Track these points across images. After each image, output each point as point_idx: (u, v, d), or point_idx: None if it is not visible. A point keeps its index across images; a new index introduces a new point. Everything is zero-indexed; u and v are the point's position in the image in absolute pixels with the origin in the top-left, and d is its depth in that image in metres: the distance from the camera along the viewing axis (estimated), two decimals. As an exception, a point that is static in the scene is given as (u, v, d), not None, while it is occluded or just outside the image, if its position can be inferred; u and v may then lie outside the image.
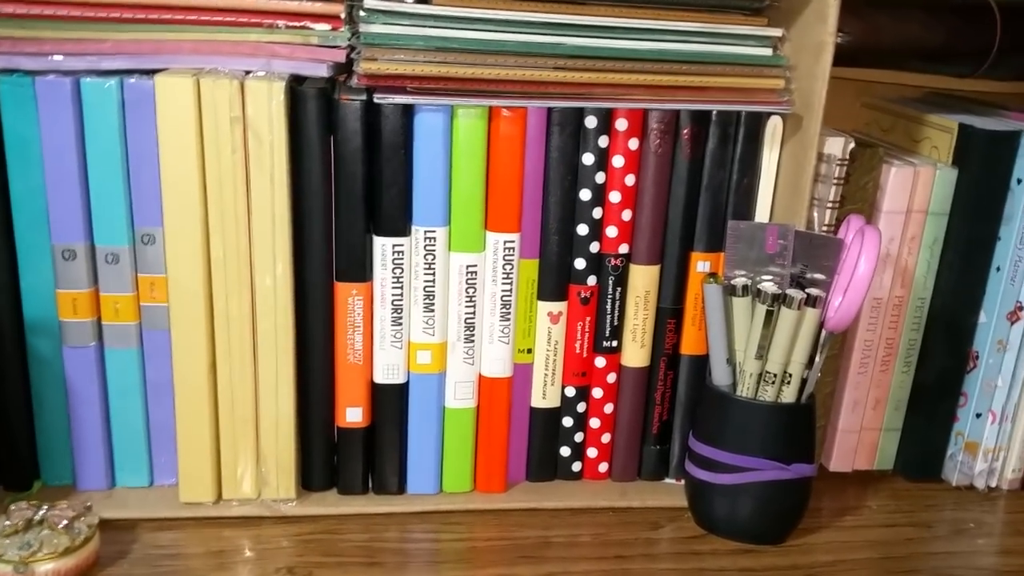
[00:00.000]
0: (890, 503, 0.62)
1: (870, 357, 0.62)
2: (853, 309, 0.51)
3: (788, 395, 0.54)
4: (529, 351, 0.57)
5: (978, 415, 0.62)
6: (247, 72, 0.49)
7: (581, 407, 0.59)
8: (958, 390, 0.62)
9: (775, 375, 0.53)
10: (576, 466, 0.60)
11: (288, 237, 0.51)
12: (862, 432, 0.64)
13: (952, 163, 0.59)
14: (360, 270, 0.53)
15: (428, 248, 0.53)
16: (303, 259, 0.52)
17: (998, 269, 0.60)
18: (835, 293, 0.52)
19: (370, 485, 0.57)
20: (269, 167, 0.50)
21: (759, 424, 0.53)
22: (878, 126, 0.68)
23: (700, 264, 0.56)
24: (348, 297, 0.53)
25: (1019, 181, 0.58)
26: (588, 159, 0.54)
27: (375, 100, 0.50)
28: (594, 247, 0.55)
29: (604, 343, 0.58)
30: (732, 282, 0.54)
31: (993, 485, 0.63)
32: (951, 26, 0.55)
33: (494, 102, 0.51)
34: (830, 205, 0.56)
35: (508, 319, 0.55)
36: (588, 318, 0.57)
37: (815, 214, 0.56)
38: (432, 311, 0.54)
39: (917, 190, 0.58)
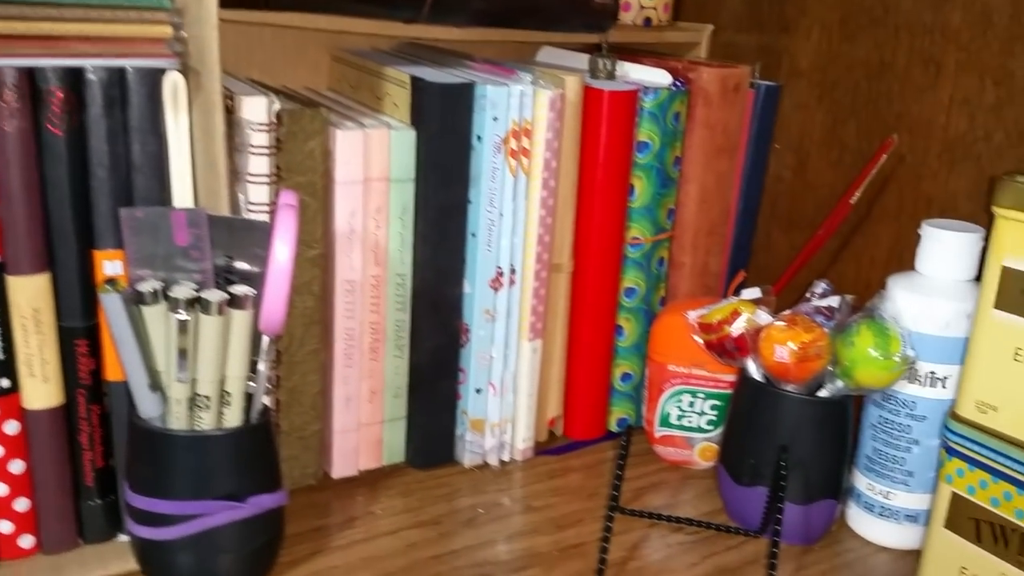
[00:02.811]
0: (399, 503, 0.56)
1: (355, 347, 0.54)
2: (278, 305, 0.42)
3: (232, 418, 0.44)
4: None
5: (478, 390, 0.58)
6: None
7: (-31, 475, 0.43)
8: (456, 367, 0.58)
9: (209, 397, 0.43)
10: (-18, 551, 0.45)
11: None
12: (362, 429, 0.57)
13: (410, 122, 0.53)
14: None
15: None
16: None
17: (474, 235, 0.55)
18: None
19: None
20: None
21: (198, 460, 0.43)
22: (347, 82, 0.60)
23: (110, 265, 0.44)
24: None
25: (479, 139, 0.53)
26: None
27: None
28: (-66, 260, 0.40)
29: (-15, 386, 0.43)
30: (137, 287, 0.42)
31: (506, 459, 0.61)
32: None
33: None
34: (263, 180, 0.46)
35: None
36: (-51, 357, 0.41)
37: (248, 192, 0.46)
38: None
39: (372, 155, 0.51)
